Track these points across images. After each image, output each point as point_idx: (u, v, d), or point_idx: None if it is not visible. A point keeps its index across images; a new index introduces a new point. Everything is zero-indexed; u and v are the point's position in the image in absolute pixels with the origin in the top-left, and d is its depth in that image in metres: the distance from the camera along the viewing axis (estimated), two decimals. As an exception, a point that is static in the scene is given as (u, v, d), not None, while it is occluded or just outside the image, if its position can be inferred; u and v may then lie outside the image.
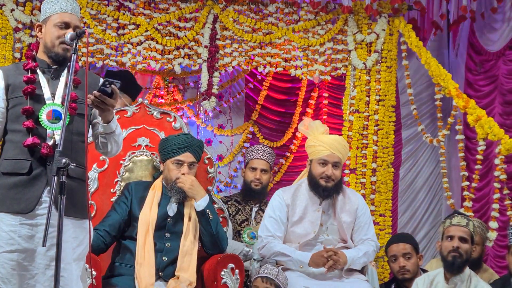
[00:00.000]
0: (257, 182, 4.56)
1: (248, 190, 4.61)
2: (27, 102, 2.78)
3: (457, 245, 3.66)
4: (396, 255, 4.33)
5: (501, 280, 4.19)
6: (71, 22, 2.82)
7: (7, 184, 2.75)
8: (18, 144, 2.77)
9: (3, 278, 2.69)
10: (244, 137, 6.57)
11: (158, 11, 5.39)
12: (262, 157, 4.61)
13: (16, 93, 2.81)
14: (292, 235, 3.96)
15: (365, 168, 5.35)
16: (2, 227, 2.71)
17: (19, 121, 2.79)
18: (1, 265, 2.69)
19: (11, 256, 2.69)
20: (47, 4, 2.86)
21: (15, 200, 2.72)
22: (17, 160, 2.76)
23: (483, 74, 5.58)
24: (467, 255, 3.67)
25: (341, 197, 4.00)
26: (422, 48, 5.14)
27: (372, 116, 5.37)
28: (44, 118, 2.77)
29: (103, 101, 2.70)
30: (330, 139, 4.00)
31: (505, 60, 5.37)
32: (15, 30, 5.17)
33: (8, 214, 2.71)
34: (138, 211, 3.68)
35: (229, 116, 6.79)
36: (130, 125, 4.07)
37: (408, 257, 4.29)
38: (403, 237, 4.58)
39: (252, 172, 4.58)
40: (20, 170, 2.74)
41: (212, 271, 3.63)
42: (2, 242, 2.70)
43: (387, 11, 5.42)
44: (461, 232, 3.70)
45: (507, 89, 5.33)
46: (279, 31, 5.41)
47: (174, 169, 3.72)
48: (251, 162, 4.62)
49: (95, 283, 3.32)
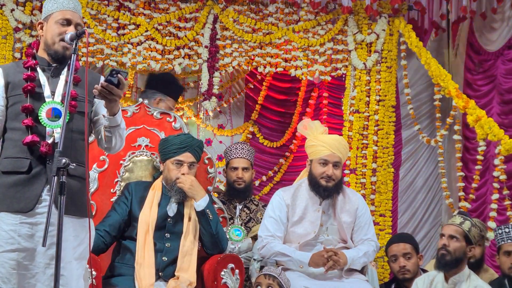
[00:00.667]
0: (240, 181, 4.54)
1: (232, 190, 4.58)
2: (26, 100, 2.78)
3: (445, 242, 3.67)
4: (396, 255, 4.33)
5: (498, 281, 4.19)
6: (73, 19, 2.83)
7: (6, 183, 2.74)
8: (17, 142, 2.76)
9: (3, 278, 2.68)
10: (244, 137, 6.57)
11: (158, 11, 5.39)
12: (241, 156, 4.59)
13: (15, 91, 2.81)
14: (292, 235, 3.96)
15: (365, 168, 5.35)
16: (2, 226, 2.71)
17: (18, 119, 2.78)
18: (1, 264, 2.68)
19: (11, 255, 2.68)
20: (49, 2, 2.87)
21: (15, 199, 2.71)
22: (17, 158, 2.75)
23: (482, 74, 5.58)
24: (456, 253, 3.66)
25: (341, 197, 4.00)
26: (422, 48, 5.14)
27: (372, 116, 5.38)
28: (44, 116, 2.77)
29: (110, 91, 2.67)
30: (331, 139, 4.00)
31: (503, 60, 5.36)
32: (15, 30, 5.17)
33: (8, 213, 2.71)
34: (138, 211, 3.68)
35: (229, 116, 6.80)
36: (130, 125, 4.07)
37: (408, 257, 4.30)
38: (403, 237, 4.58)
39: (234, 171, 4.56)
40: (19, 169, 2.73)
41: (212, 271, 3.63)
42: (2, 241, 2.69)
43: (387, 11, 5.42)
44: (452, 231, 3.71)
45: (505, 89, 5.33)
46: (279, 31, 5.41)
47: (174, 169, 3.72)
48: (231, 162, 4.59)
49: (95, 283, 3.32)
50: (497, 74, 5.42)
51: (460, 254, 3.67)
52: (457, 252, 3.66)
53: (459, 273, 3.67)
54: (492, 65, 5.47)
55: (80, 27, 2.83)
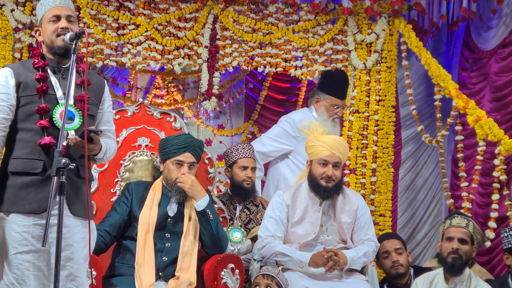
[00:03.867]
0: (249, 180, 4.53)
1: (239, 189, 4.55)
2: (40, 101, 2.77)
3: (457, 246, 3.66)
4: (388, 250, 4.41)
5: (499, 280, 4.20)
6: (61, 13, 2.85)
7: (17, 183, 2.72)
8: (29, 143, 2.75)
9: (18, 280, 2.68)
10: (244, 137, 6.58)
11: (158, 11, 5.39)
12: (250, 155, 4.57)
13: (28, 91, 2.79)
14: (292, 236, 3.97)
15: (365, 168, 5.35)
16: (14, 227, 2.69)
17: (30, 120, 2.77)
18: (16, 266, 2.68)
19: (25, 257, 2.68)
20: (38, 8, 2.91)
21: (27, 200, 2.69)
22: (28, 159, 2.73)
23: (476, 72, 5.58)
24: (466, 256, 3.66)
25: (341, 198, 4.00)
26: (422, 49, 5.14)
27: (372, 116, 5.38)
28: (58, 118, 2.77)
29: (82, 146, 2.72)
30: (331, 139, 4.00)
31: (497, 58, 5.36)
32: (15, 30, 5.18)
33: (19, 215, 2.70)
34: (138, 211, 3.68)
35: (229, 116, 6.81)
36: (130, 125, 4.08)
37: (400, 253, 4.42)
38: (392, 234, 4.76)
39: (243, 171, 4.54)
40: (32, 170, 2.71)
41: (212, 271, 3.63)
42: (15, 243, 2.68)
43: (387, 11, 5.42)
44: (461, 234, 3.69)
45: (497, 86, 5.33)
46: (279, 31, 5.41)
47: (174, 169, 3.72)
48: (240, 161, 4.55)
49: (95, 283, 3.32)
50: (490, 72, 5.42)
51: (468, 256, 3.69)
52: (467, 255, 3.67)
53: (460, 274, 3.67)
54: (486, 64, 5.47)
55: (73, 18, 2.86)
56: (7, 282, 2.68)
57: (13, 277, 2.68)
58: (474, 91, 5.53)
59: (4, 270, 2.70)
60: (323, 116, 4.64)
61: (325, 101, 4.80)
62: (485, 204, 5.16)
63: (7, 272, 2.69)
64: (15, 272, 2.68)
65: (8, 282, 2.68)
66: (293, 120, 4.87)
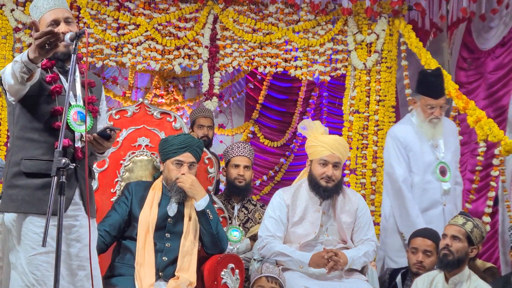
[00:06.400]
0: (241, 178, 4.54)
1: (232, 187, 4.56)
2: (54, 102, 2.76)
3: (447, 242, 3.67)
4: (417, 248, 4.20)
5: (502, 279, 4.19)
6: (58, 17, 2.81)
7: (33, 184, 2.71)
8: (42, 144, 2.74)
9: (39, 281, 2.67)
10: (245, 137, 6.58)
11: (158, 11, 5.39)
12: (243, 154, 4.59)
13: (42, 90, 2.78)
14: (293, 236, 3.97)
15: (365, 168, 5.35)
16: (32, 229, 2.69)
17: (41, 120, 2.75)
18: (36, 267, 2.67)
19: (45, 258, 2.68)
20: (33, 10, 2.86)
21: (44, 201, 2.66)
22: (44, 161, 2.72)
23: (473, 71, 5.59)
24: (459, 254, 3.65)
25: (341, 198, 4.00)
26: (422, 49, 5.14)
27: (372, 116, 5.38)
28: (72, 120, 2.77)
29: (101, 144, 2.76)
30: (331, 139, 4.00)
31: (493, 57, 5.37)
32: (15, 30, 5.18)
33: (36, 216, 2.70)
34: (138, 211, 3.68)
35: (230, 116, 6.81)
36: (130, 125, 4.08)
37: (428, 255, 4.21)
38: (430, 233, 4.35)
39: (235, 169, 4.55)
40: (48, 171, 2.64)
41: (212, 271, 3.63)
42: (34, 244, 2.68)
43: (387, 12, 5.42)
44: (454, 231, 3.70)
45: (490, 82, 5.32)
46: (279, 31, 5.42)
47: (174, 169, 3.72)
48: (233, 160, 4.58)
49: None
50: (485, 71, 5.42)
51: (462, 254, 3.66)
52: (459, 252, 3.66)
53: (459, 273, 3.67)
54: (483, 63, 5.47)
55: (70, 19, 2.83)
56: (27, 283, 2.66)
57: (34, 278, 2.66)
58: (470, 89, 5.54)
59: (22, 271, 2.68)
60: (421, 117, 4.54)
61: (420, 102, 4.58)
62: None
63: (27, 273, 2.67)
64: (36, 273, 2.67)
65: (28, 283, 2.67)
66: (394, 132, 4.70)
